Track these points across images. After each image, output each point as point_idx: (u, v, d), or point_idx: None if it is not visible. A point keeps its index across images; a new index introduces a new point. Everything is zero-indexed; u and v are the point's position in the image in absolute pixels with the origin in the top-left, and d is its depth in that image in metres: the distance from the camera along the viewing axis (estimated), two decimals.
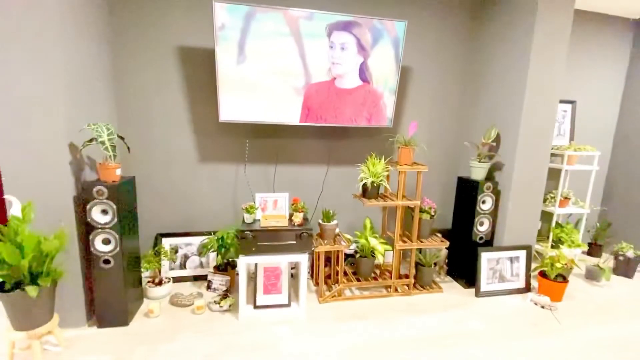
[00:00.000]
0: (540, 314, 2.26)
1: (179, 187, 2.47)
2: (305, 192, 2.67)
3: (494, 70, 2.60)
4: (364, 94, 2.33)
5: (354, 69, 2.26)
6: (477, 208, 2.46)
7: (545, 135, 2.42)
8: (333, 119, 2.35)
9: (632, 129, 3.24)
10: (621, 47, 3.23)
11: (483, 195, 2.45)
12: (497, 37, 2.57)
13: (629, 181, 3.25)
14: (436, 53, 2.77)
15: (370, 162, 2.27)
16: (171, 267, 2.48)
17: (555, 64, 2.32)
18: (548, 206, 3.02)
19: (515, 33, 2.38)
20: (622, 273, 2.89)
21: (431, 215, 2.42)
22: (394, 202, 2.28)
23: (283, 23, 2.07)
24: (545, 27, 2.24)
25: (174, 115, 2.38)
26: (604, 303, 2.43)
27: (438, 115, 2.88)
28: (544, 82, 2.32)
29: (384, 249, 2.31)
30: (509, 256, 2.51)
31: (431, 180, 2.96)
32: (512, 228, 2.51)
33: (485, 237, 2.53)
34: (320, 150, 2.64)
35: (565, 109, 3.17)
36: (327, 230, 2.28)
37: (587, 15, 3.08)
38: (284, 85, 2.21)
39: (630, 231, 3.22)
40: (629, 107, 3.27)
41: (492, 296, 2.46)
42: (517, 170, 2.41)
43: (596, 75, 3.22)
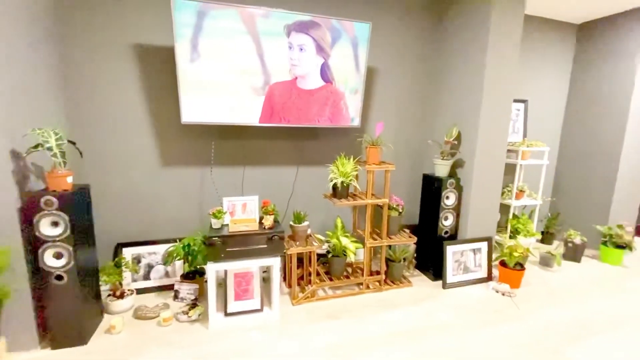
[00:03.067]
0: (502, 301, 2.41)
1: (141, 193, 2.34)
2: (276, 194, 2.63)
3: (454, 71, 2.72)
4: (327, 94, 2.34)
5: (315, 69, 2.26)
6: (442, 203, 2.56)
7: (502, 133, 2.57)
8: (297, 119, 2.33)
9: (575, 125, 3.53)
10: (566, 50, 3.50)
11: (447, 191, 2.56)
12: (456, 40, 2.69)
13: (574, 174, 3.55)
14: (402, 54, 2.85)
15: (340, 162, 2.29)
16: (134, 279, 2.34)
17: (508, 65, 2.46)
18: (505, 199, 3.22)
19: (472, 36, 2.51)
20: (571, 258, 3.15)
21: (399, 212, 2.48)
22: (364, 201, 2.32)
23: (239, 21, 2.02)
24: (499, 30, 2.38)
25: (133, 117, 2.24)
26: (557, 287, 2.64)
27: (405, 115, 2.96)
28: (498, 83, 2.46)
29: (355, 247, 2.34)
30: (472, 248, 2.65)
31: (399, 177, 3.04)
32: (474, 221, 2.64)
33: (450, 231, 2.64)
34: (290, 151, 2.62)
35: (519, 107, 3.39)
36: (298, 231, 2.27)
37: (535, 20, 3.31)
38: (243, 85, 2.15)
39: (577, 219, 3.52)
40: (573, 105, 3.56)
41: (458, 287, 2.58)
42: (477, 166, 2.54)
43: (545, 76, 3.48)
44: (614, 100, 3.17)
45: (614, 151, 3.18)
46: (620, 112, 3.13)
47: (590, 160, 3.39)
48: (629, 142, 3.12)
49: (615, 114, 3.16)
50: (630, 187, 3.27)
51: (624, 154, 3.13)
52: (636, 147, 3.16)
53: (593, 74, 3.35)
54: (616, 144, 3.16)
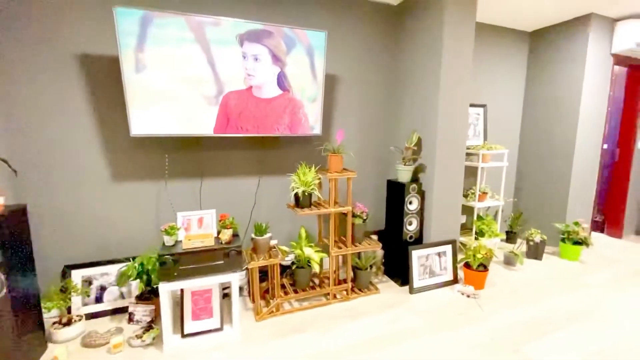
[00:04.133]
0: (467, 303, 2.43)
1: (89, 210, 2.20)
2: (238, 206, 2.56)
3: (413, 78, 2.77)
4: (285, 103, 2.31)
5: (272, 79, 2.23)
6: (405, 209, 2.57)
7: (460, 137, 2.63)
8: (255, 129, 2.29)
9: (532, 128, 3.69)
10: (521, 55, 3.67)
11: (409, 196, 2.58)
12: (413, 48, 2.74)
13: (534, 174, 3.69)
14: (365, 62, 2.87)
15: (301, 171, 2.25)
16: (85, 302, 2.19)
17: (463, 71, 2.53)
18: (470, 201, 3.30)
19: (427, 45, 2.56)
20: (533, 256, 3.26)
21: (363, 220, 2.47)
22: (327, 209, 2.29)
23: (186, 29, 1.96)
24: (451, 38, 2.44)
25: (79, 130, 2.12)
26: (519, 285, 2.70)
27: (369, 122, 2.98)
28: (454, 89, 2.52)
29: (320, 257, 2.30)
30: (437, 251, 2.67)
31: (366, 184, 3.04)
32: (438, 225, 2.67)
33: (414, 236, 2.66)
34: (251, 161, 2.56)
35: (479, 112, 3.49)
36: (260, 244, 2.20)
37: (491, 28, 3.44)
38: (194, 95, 2.07)
39: (538, 218, 3.65)
40: (529, 109, 3.72)
41: (424, 291, 2.59)
42: (438, 170, 2.58)
43: (503, 81, 3.62)
44: (565, 103, 3.34)
45: (568, 151, 3.34)
46: (571, 114, 3.29)
47: (547, 161, 3.54)
48: (580, 142, 3.29)
49: (567, 117, 3.33)
50: (584, 185, 3.44)
51: (577, 154, 3.29)
52: (586, 147, 3.33)
53: (545, 79, 3.52)
54: (569, 145, 3.32)
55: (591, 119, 3.31)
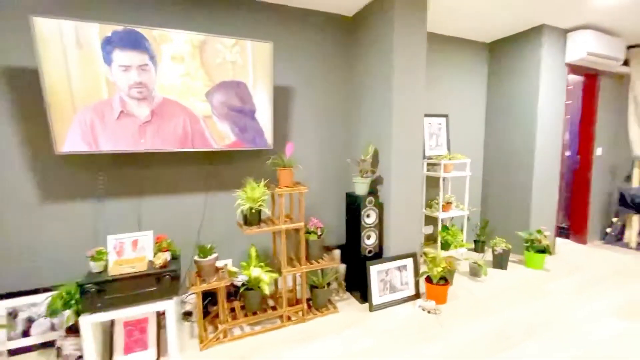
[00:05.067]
0: (427, 320, 2.35)
1: (13, 235, 2.02)
2: (184, 226, 2.41)
3: (368, 89, 2.73)
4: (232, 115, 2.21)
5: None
6: (362, 222, 2.49)
7: (416, 148, 2.59)
8: (200, 143, 2.17)
9: (494, 137, 3.72)
10: (481, 66, 3.71)
11: (366, 209, 2.50)
12: (367, 59, 2.71)
13: (498, 183, 3.70)
14: (321, 74, 2.83)
15: (249, 187, 2.14)
16: (10, 337, 1.98)
17: (416, 82, 2.51)
18: (434, 212, 3.26)
19: (380, 55, 2.54)
20: (498, 265, 3.22)
21: (318, 236, 2.37)
22: (277, 226, 2.18)
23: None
24: (403, 49, 2.42)
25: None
26: (482, 298, 2.64)
27: (329, 133, 2.92)
28: (407, 100, 2.49)
29: (270, 278, 2.17)
30: (397, 266, 2.59)
31: (327, 197, 2.95)
32: (398, 238, 2.60)
33: (373, 250, 2.57)
34: (198, 177, 2.43)
35: (441, 122, 3.49)
36: (204, 266, 2.06)
37: (451, 39, 3.48)
38: (107, 108, 1.93)
39: (504, 226, 3.64)
40: (491, 118, 3.75)
41: (385, 308, 2.49)
42: (395, 182, 2.52)
43: (464, 91, 3.64)
44: (524, 112, 3.38)
45: (528, 160, 3.36)
46: (529, 123, 3.32)
47: (510, 169, 3.56)
48: (540, 150, 3.31)
49: (526, 125, 3.36)
50: (546, 193, 3.46)
51: (537, 162, 3.32)
52: (546, 155, 3.36)
53: (504, 89, 3.57)
54: (529, 153, 3.34)
55: (549, 127, 3.35)
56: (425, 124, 3.39)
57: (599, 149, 3.87)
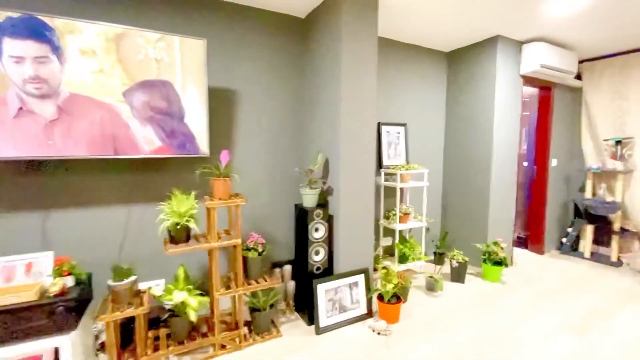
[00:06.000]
0: (377, 342, 2.18)
1: None
2: (102, 244, 2.12)
3: (318, 95, 2.58)
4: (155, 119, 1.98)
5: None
6: (310, 237, 2.31)
7: (367, 158, 2.45)
8: (122, 150, 1.91)
9: (454, 146, 3.67)
10: (440, 75, 3.68)
11: (314, 223, 2.32)
12: (317, 63, 2.57)
13: (457, 193, 3.65)
14: (271, 77, 2.65)
15: (175, 200, 1.90)
16: None
17: (367, 89, 2.38)
18: (391, 223, 3.13)
19: (329, 60, 2.39)
20: (456, 279, 3.13)
21: (259, 253, 2.16)
22: (208, 244, 1.95)
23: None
24: (352, 52, 2.29)
25: None
26: (436, 315, 2.52)
27: (279, 141, 2.73)
28: (357, 106, 2.35)
29: (200, 302, 1.93)
30: (348, 283, 2.42)
31: (276, 209, 2.75)
32: (348, 253, 2.43)
33: (322, 267, 2.39)
34: (119, 187, 2.15)
35: (399, 131, 3.40)
36: (119, 291, 1.79)
37: (411, 47, 3.41)
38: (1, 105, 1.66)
39: (463, 237, 3.58)
40: (450, 127, 3.71)
41: (333, 330, 2.31)
42: (344, 194, 2.36)
43: (424, 99, 3.58)
44: (480, 123, 3.35)
45: (485, 169, 3.32)
46: (486, 133, 3.29)
47: (468, 180, 3.51)
48: (496, 161, 3.29)
49: (483, 136, 3.33)
50: (503, 203, 3.43)
51: (494, 172, 3.28)
52: (502, 165, 3.34)
53: (462, 98, 3.54)
54: (486, 162, 3.31)
55: (505, 138, 3.34)
56: (383, 133, 3.28)
57: (554, 160, 3.93)
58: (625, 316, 2.49)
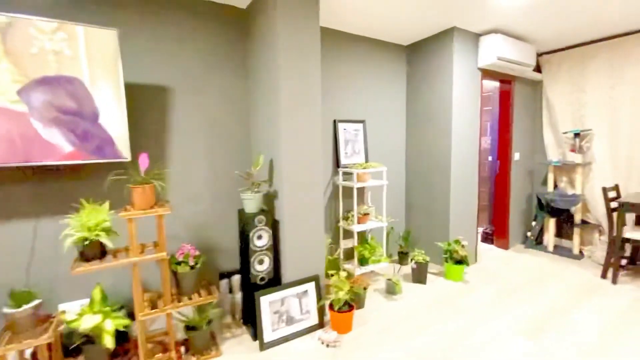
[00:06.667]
0: (324, 355, 2.03)
1: None
2: (7, 262, 1.86)
3: (259, 92, 2.39)
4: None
5: None
6: (251, 245, 2.13)
7: (313, 157, 2.28)
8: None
9: (414, 143, 3.56)
10: (400, 69, 3.55)
11: (256, 229, 2.14)
12: (257, 57, 2.38)
13: (420, 191, 3.55)
14: (211, 73, 2.44)
15: (85, 212, 1.68)
16: None
17: (309, 83, 2.21)
18: (350, 225, 2.99)
19: (267, 51, 2.21)
20: (417, 279, 3.03)
21: (192, 266, 1.96)
22: (127, 260, 1.73)
23: None
24: (291, 46, 2.11)
25: None
26: (393, 321, 2.39)
27: (222, 142, 2.52)
28: (299, 103, 2.18)
29: (116, 326, 1.71)
30: (296, 292, 2.26)
31: (220, 215, 2.55)
32: (296, 260, 2.27)
33: (267, 277, 2.21)
34: (27, 200, 1.90)
35: (357, 128, 3.26)
36: (17, 319, 1.55)
37: (369, 40, 3.26)
38: None
39: (427, 236, 3.48)
40: (410, 123, 3.60)
41: (280, 344, 2.14)
42: (288, 196, 2.19)
43: (384, 95, 3.44)
44: (440, 117, 3.25)
45: (445, 165, 3.23)
46: (445, 128, 3.20)
47: (430, 176, 3.41)
48: (455, 156, 3.20)
49: (443, 131, 3.23)
50: (465, 200, 3.35)
51: (453, 168, 3.19)
52: (461, 160, 3.26)
53: (422, 93, 3.43)
54: (446, 158, 3.21)
55: (465, 132, 3.25)
56: (340, 130, 3.13)
57: (517, 154, 3.89)
58: (582, 314, 2.44)
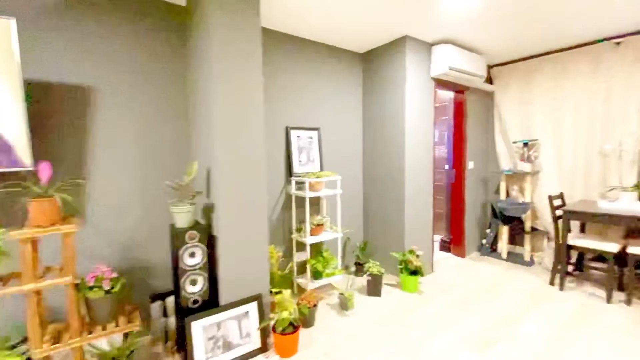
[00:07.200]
0: None
1: None
2: None
3: (195, 96, 2.21)
4: None
5: None
6: (181, 264, 1.91)
7: (257, 166, 2.12)
8: None
9: (371, 151, 3.51)
10: (356, 77, 3.50)
11: (187, 247, 1.93)
12: (194, 58, 2.20)
13: (376, 200, 3.48)
14: (145, 76, 2.22)
15: None
16: None
17: (249, 86, 2.06)
18: (302, 237, 2.84)
19: (201, 54, 2.04)
20: (372, 292, 2.92)
21: (107, 291, 1.71)
22: (18, 288, 1.46)
23: None
24: (227, 46, 1.95)
25: None
26: (342, 339, 2.25)
27: (155, 150, 2.29)
28: (237, 107, 2.02)
29: None
30: (235, 314, 2.05)
31: (153, 231, 2.30)
32: (235, 279, 2.07)
33: (202, 298, 2.00)
34: None
35: (312, 135, 3.14)
36: None
37: (325, 47, 3.19)
38: None
39: (383, 246, 3.41)
40: (366, 132, 3.54)
41: None
42: (226, 209, 2.01)
43: (340, 102, 3.37)
44: (394, 125, 3.21)
45: (400, 174, 3.18)
46: (399, 136, 3.16)
47: (385, 185, 3.36)
48: (409, 164, 3.16)
49: (397, 139, 3.19)
50: (419, 208, 3.32)
51: (407, 176, 3.15)
52: (415, 168, 3.23)
53: (377, 101, 3.39)
54: (400, 167, 3.17)
55: (419, 142, 3.24)
56: (293, 138, 3.00)
57: (471, 163, 3.96)
58: (531, 323, 2.44)
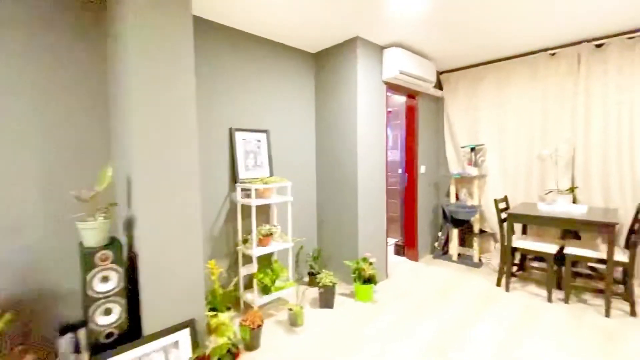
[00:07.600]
0: None
1: None
2: None
3: (115, 93, 1.90)
4: None
5: None
6: (90, 291, 1.59)
7: (185, 171, 1.86)
8: None
9: (324, 155, 3.37)
10: (307, 77, 3.35)
11: (98, 270, 1.61)
12: (113, 50, 1.89)
13: (330, 206, 3.35)
14: (55, 67, 1.86)
15: None
16: None
17: (176, 83, 1.80)
18: (249, 249, 2.60)
19: (120, 43, 1.75)
20: (325, 304, 2.77)
21: None
22: None
23: None
24: (148, 34, 1.68)
25: None
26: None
27: (65, 155, 1.94)
28: (162, 105, 1.75)
29: None
30: (162, 346, 1.77)
31: (62, 249, 1.94)
32: (163, 304, 1.79)
33: (118, 331, 1.69)
34: None
35: (260, 138, 2.92)
36: None
37: (276, 45, 3.00)
38: None
39: (337, 254, 3.28)
40: (319, 135, 3.41)
41: None
42: (145, 222, 1.72)
43: (292, 104, 3.19)
44: (346, 128, 3.11)
45: (352, 179, 3.08)
46: (351, 139, 3.06)
47: (338, 191, 3.23)
48: (362, 168, 3.07)
49: (348, 142, 3.09)
50: (373, 214, 3.24)
51: (360, 181, 3.06)
52: (368, 172, 3.15)
53: (329, 103, 3.27)
54: (353, 172, 3.07)
55: (371, 145, 3.16)
56: (238, 141, 2.76)
57: (423, 167, 3.99)
58: (482, 326, 2.44)
